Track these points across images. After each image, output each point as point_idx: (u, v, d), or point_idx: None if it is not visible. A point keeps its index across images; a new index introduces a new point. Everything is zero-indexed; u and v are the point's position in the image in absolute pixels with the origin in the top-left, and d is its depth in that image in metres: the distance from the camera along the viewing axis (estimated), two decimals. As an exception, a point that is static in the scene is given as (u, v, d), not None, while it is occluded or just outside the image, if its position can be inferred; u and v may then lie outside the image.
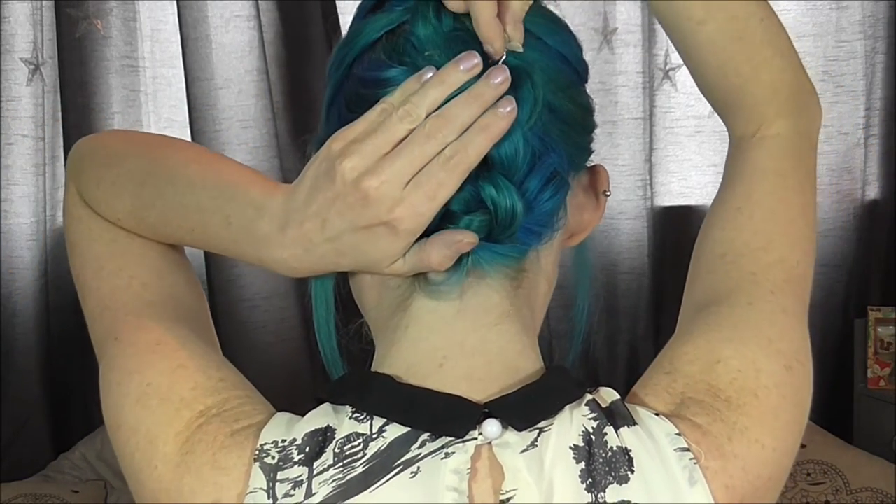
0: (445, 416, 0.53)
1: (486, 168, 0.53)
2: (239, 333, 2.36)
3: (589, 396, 0.56)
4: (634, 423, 0.54)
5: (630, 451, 0.53)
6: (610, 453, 0.52)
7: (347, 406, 0.55)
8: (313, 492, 0.52)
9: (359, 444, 0.53)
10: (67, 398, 2.52)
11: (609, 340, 2.47)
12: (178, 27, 2.31)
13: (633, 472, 0.52)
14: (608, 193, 0.61)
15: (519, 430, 0.53)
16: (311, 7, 2.37)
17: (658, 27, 2.34)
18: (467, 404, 0.54)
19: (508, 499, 0.52)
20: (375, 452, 0.52)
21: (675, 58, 2.33)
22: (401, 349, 0.57)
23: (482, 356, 0.56)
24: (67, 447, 2.39)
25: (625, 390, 2.04)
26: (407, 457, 0.52)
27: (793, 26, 2.32)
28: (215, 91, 2.30)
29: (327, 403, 0.56)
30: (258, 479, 0.53)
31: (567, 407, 0.54)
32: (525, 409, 0.54)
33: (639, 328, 2.47)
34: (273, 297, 2.36)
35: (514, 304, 0.57)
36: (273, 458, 0.53)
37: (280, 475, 0.53)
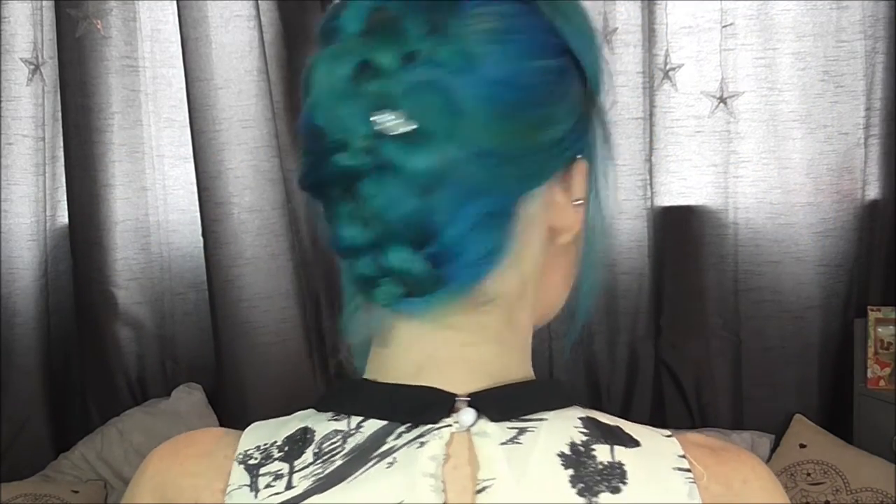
0: (420, 406, 0.54)
1: (389, 235, 0.52)
2: (239, 334, 2.36)
3: (582, 412, 0.56)
4: (637, 445, 0.54)
5: (623, 465, 0.53)
6: (601, 466, 0.53)
7: (329, 412, 0.56)
8: (293, 485, 0.53)
9: (338, 441, 0.54)
10: (67, 398, 2.52)
11: (609, 340, 2.47)
12: (178, 27, 2.31)
13: (626, 483, 0.52)
14: (578, 202, 0.57)
15: (493, 420, 0.54)
16: (311, 7, 2.37)
17: (658, 27, 2.34)
18: (442, 393, 0.55)
19: (484, 487, 0.52)
20: (354, 447, 0.54)
21: (675, 58, 2.33)
22: (381, 362, 0.57)
23: (462, 364, 0.56)
24: (67, 447, 2.39)
25: (625, 390, 2.05)
26: (384, 448, 0.53)
27: (793, 26, 2.32)
28: (215, 91, 2.30)
29: (310, 409, 0.57)
30: (241, 477, 0.54)
31: (554, 416, 0.55)
32: (502, 402, 0.55)
33: (639, 328, 2.47)
34: (273, 297, 2.36)
35: (488, 327, 0.56)
36: (255, 459, 0.55)
37: (262, 471, 0.54)
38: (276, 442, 0.56)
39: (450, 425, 0.53)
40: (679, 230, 2.42)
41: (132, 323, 2.50)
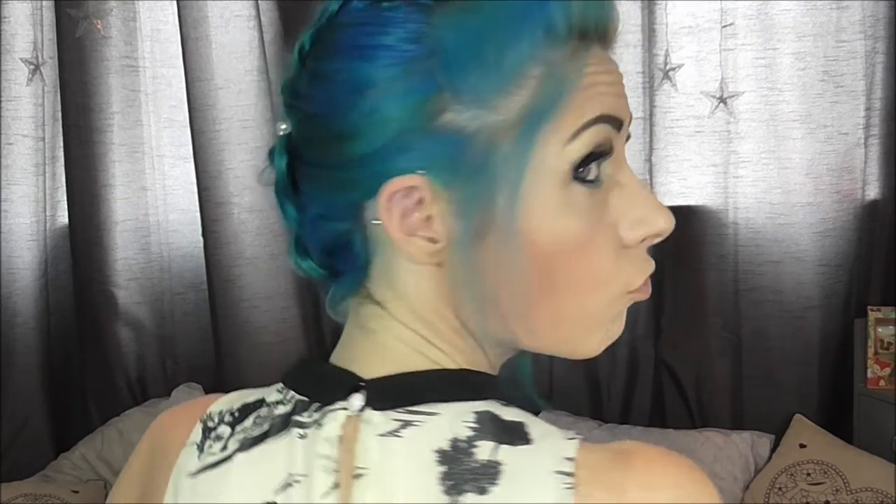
0: (325, 387, 0.58)
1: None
2: (239, 334, 2.36)
3: (482, 406, 0.54)
4: (527, 444, 0.53)
5: (501, 464, 0.52)
6: (476, 464, 0.52)
7: (280, 384, 0.61)
8: (227, 447, 0.59)
9: (271, 409, 0.59)
10: (67, 398, 2.52)
11: (609, 340, 2.47)
12: (178, 27, 2.32)
13: (496, 484, 0.51)
14: (376, 221, 0.55)
15: (375, 408, 0.55)
16: (311, 7, 2.37)
17: (658, 27, 2.34)
18: (346, 376, 0.57)
19: (359, 475, 0.54)
20: (279, 415, 0.58)
21: (675, 58, 2.33)
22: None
23: (372, 350, 0.58)
24: (67, 447, 2.39)
25: (625, 390, 2.05)
26: (299, 419, 0.57)
27: (793, 26, 2.31)
28: (215, 91, 2.30)
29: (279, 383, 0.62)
30: (196, 435, 0.61)
31: (447, 409, 0.54)
32: (391, 391, 0.55)
33: (639, 328, 2.47)
34: (274, 297, 2.36)
35: (392, 319, 0.58)
36: (213, 422, 0.61)
37: (212, 434, 0.61)
38: (234, 408, 0.61)
39: (345, 408, 0.55)
40: (679, 230, 2.39)
41: (132, 323, 2.50)
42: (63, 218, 2.47)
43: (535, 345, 0.58)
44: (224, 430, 0.60)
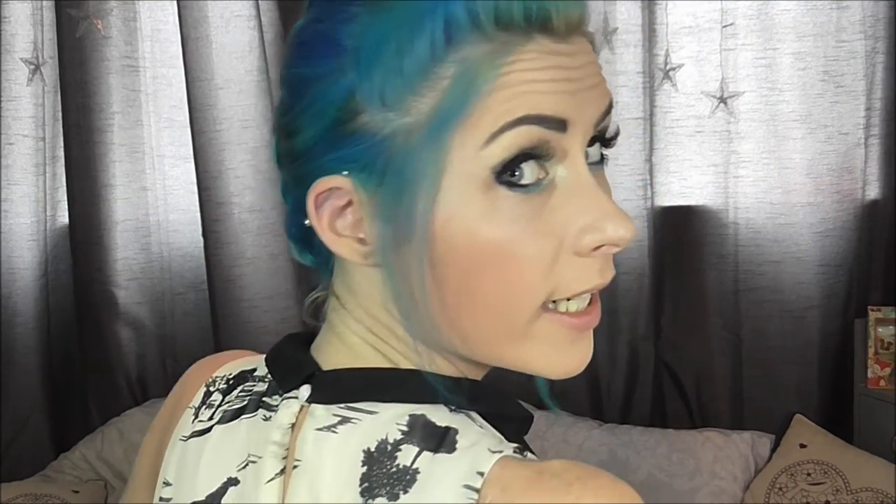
0: (286, 372, 0.59)
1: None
2: (240, 334, 2.36)
3: (419, 409, 0.53)
4: (451, 452, 0.51)
5: (419, 472, 0.50)
6: (394, 469, 0.51)
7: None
8: (213, 417, 0.62)
9: (252, 384, 0.62)
10: (67, 398, 2.52)
11: (609, 340, 2.47)
12: (178, 27, 2.31)
13: (407, 492, 0.50)
14: (305, 222, 0.55)
15: (315, 401, 0.56)
16: (311, 7, 2.37)
17: (658, 27, 2.34)
18: (308, 365, 0.58)
19: (296, 466, 0.55)
20: (255, 392, 0.61)
21: (675, 58, 2.33)
22: None
23: (334, 341, 0.59)
24: (67, 447, 2.39)
25: (625, 390, 2.05)
26: (268, 401, 0.59)
27: (793, 26, 2.31)
28: (215, 91, 2.30)
29: None
30: (197, 399, 0.65)
31: (384, 409, 0.53)
32: (334, 385, 0.56)
33: (639, 328, 2.47)
34: (274, 297, 2.36)
35: (348, 313, 0.59)
36: (214, 386, 0.64)
37: (208, 399, 0.64)
38: (232, 374, 0.64)
39: (296, 397, 0.57)
40: (679, 230, 2.42)
41: (132, 323, 2.50)
42: (63, 218, 2.47)
43: (479, 355, 0.55)
44: (216, 397, 0.63)
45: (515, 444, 0.52)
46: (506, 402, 0.58)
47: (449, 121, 0.49)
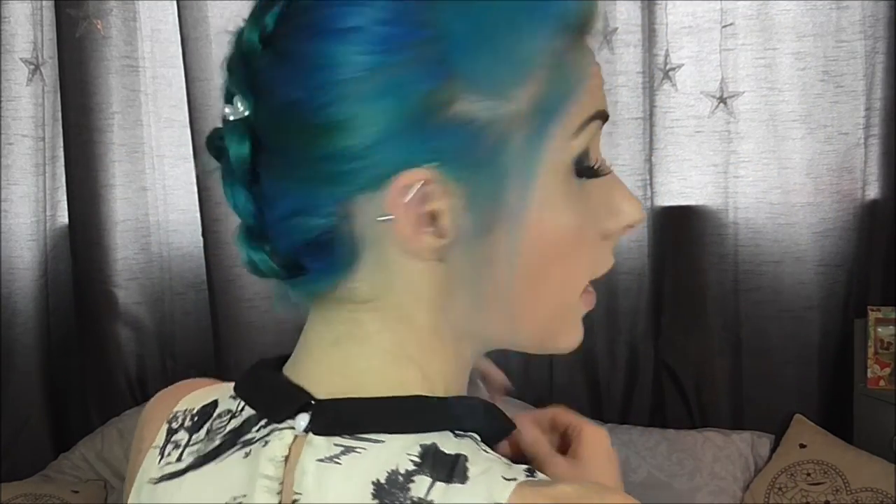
0: (275, 403, 0.55)
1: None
2: (239, 334, 2.36)
3: (428, 439, 0.52)
4: (463, 483, 0.50)
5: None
6: (408, 501, 0.49)
7: (234, 388, 0.59)
8: (182, 458, 0.57)
9: (224, 420, 0.57)
10: (67, 398, 2.52)
11: (609, 340, 2.47)
12: (178, 27, 2.32)
13: None
14: (382, 218, 0.51)
15: (315, 432, 0.52)
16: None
17: (658, 27, 2.34)
18: (297, 393, 0.54)
19: (295, 501, 0.52)
20: (231, 429, 0.56)
21: (675, 58, 2.33)
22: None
23: (327, 364, 0.55)
24: (67, 447, 2.39)
25: (625, 390, 2.05)
26: (247, 437, 0.55)
27: (793, 26, 2.32)
28: (215, 91, 2.30)
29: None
30: (160, 438, 0.60)
31: (392, 439, 0.52)
32: (337, 415, 0.53)
33: (639, 328, 2.47)
34: (273, 297, 2.36)
35: (361, 325, 0.55)
36: (177, 422, 0.60)
37: (173, 437, 0.59)
38: (194, 409, 0.60)
39: (292, 427, 0.53)
40: (679, 230, 2.42)
41: (132, 323, 2.50)
42: (63, 218, 2.47)
43: (517, 339, 0.57)
44: (182, 436, 0.59)
45: (524, 466, 0.52)
46: (504, 418, 0.58)
47: (554, 112, 0.52)
